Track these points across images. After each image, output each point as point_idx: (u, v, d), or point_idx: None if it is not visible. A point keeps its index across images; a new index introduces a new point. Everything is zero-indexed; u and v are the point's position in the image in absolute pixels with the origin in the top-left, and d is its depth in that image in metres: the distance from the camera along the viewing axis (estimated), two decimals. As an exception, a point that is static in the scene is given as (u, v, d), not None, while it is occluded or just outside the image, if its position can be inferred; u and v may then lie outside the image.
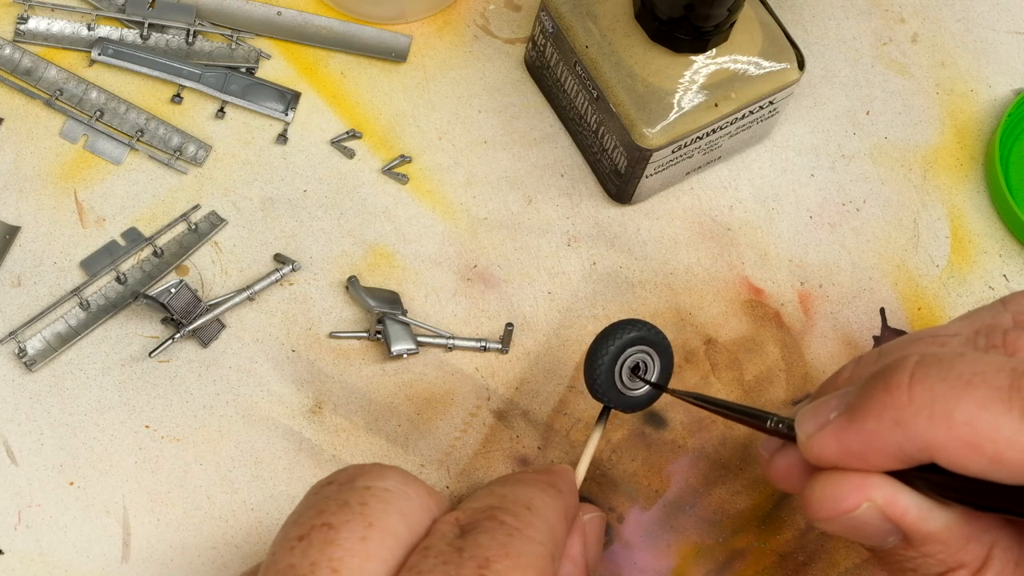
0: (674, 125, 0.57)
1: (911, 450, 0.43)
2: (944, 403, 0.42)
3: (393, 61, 0.64)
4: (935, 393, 0.42)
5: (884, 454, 0.43)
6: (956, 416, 0.42)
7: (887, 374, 0.44)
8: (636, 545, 0.57)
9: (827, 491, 0.44)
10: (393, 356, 0.58)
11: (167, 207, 0.61)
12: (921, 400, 0.42)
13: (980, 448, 0.41)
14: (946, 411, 0.42)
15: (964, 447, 0.42)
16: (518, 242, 0.61)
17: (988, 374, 0.42)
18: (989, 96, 0.66)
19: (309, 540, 0.42)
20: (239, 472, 0.57)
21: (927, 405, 0.42)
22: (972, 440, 0.41)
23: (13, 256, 0.59)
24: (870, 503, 0.44)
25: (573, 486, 0.49)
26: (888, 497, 0.44)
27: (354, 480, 0.44)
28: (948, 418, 0.42)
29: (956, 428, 0.42)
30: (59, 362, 0.58)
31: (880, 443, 0.43)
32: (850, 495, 0.44)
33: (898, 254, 0.63)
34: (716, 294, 0.61)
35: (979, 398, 0.42)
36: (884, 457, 0.43)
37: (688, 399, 0.51)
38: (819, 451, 0.45)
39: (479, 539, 0.42)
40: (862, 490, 0.44)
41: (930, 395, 0.42)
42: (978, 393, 0.42)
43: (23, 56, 0.62)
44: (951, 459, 0.42)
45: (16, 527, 0.56)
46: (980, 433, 0.41)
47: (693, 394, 0.51)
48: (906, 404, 0.42)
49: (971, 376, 0.42)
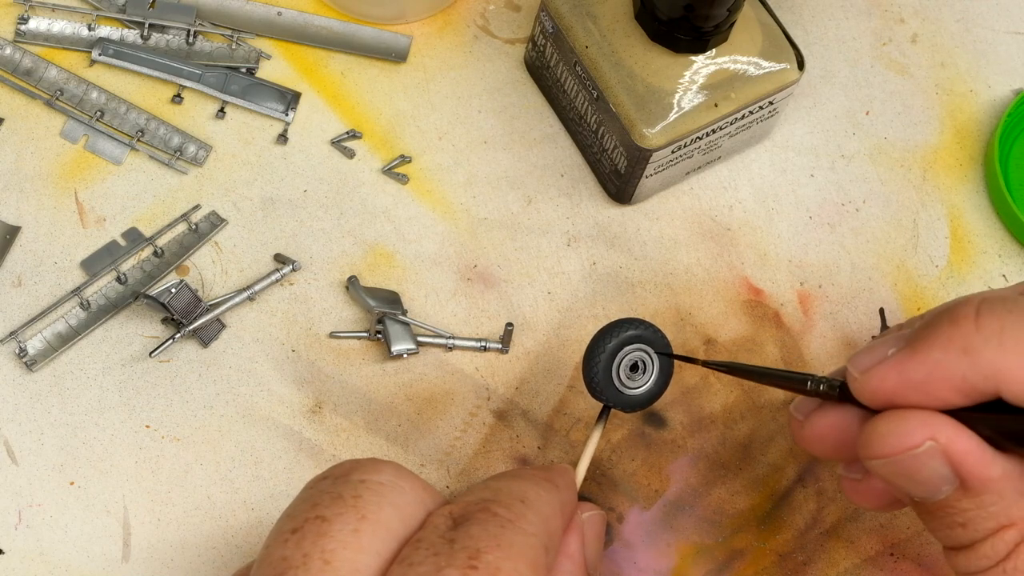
0: (674, 125, 0.57)
1: (977, 380, 0.42)
2: (1013, 331, 0.42)
3: (393, 61, 0.64)
4: (1004, 322, 0.42)
5: (949, 385, 0.43)
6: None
7: (952, 309, 0.43)
8: (636, 545, 0.57)
9: (891, 426, 0.44)
10: (393, 356, 0.58)
11: (167, 207, 0.61)
12: (990, 329, 0.42)
13: None
14: (1017, 338, 0.42)
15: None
16: (518, 242, 0.61)
17: None
18: (989, 96, 0.66)
19: (302, 532, 0.42)
20: (239, 472, 0.57)
21: (996, 333, 0.42)
22: None
23: (14, 256, 0.59)
24: (933, 442, 0.43)
25: (571, 483, 0.49)
26: (951, 436, 0.43)
27: (349, 474, 0.44)
28: (1019, 345, 0.42)
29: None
30: (59, 362, 0.58)
31: (946, 372, 0.43)
32: (915, 431, 0.43)
33: (897, 254, 0.63)
34: (716, 294, 0.61)
35: None
36: (948, 389, 0.43)
37: (721, 369, 0.50)
38: (877, 384, 0.44)
39: (471, 530, 0.42)
40: (927, 427, 0.43)
41: (999, 324, 0.42)
42: None
43: (24, 56, 0.62)
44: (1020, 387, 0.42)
45: (16, 527, 0.56)
46: None
47: (726, 363, 0.50)
48: (974, 332, 0.42)
49: None
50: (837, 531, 0.58)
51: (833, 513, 0.58)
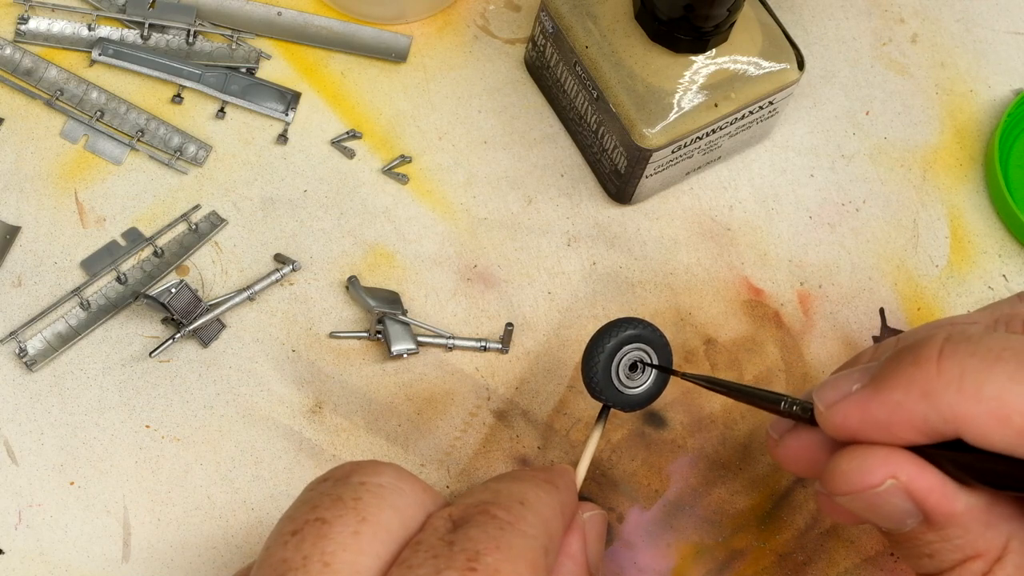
0: (674, 125, 0.57)
1: (937, 423, 0.42)
2: (974, 376, 0.42)
3: (393, 61, 0.64)
4: (965, 366, 0.42)
5: (909, 426, 0.43)
6: (985, 389, 0.41)
7: (915, 348, 0.43)
8: (636, 545, 0.57)
9: (852, 464, 0.44)
10: (393, 356, 0.58)
11: (167, 207, 0.61)
12: (950, 373, 0.42)
13: (1008, 421, 0.41)
14: (976, 384, 0.42)
15: (993, 420, 0.41)
16: (518, 242, 0.61)
17: (1018, 349, 0.42)
18: (988, 96, 0.66)
19: (302, 535, 0.42)
20: (239, 472, 0.57)
21: (956, 378, 0.42)
22: (1001, 413, 0.41)
23: (14, 256, 0.59)
24: (895, 480, 0.43)
25: (571, 484, 0.49)
26: (913, 473, 0.43)
27: (349, 476, 0.44)
28: (977, 391, 0.42)
29: (985, 401, 0.41)
30: (59, 362, 0.58)
31: (906, 414, 0.43)
32: (875, 469, 0.44)
33: (897, 254, 0.63)
34: (716, 294, 0.61)
35: (1009, 371, 0.41)
36: (909, 429, 0.43)
37: (699, 382, 0.50)
38: (840, 420, 0.44)
39: (470, 533, 0.42)
40: (887, 465, 0.44)
41: (960, 368, 0.42)
42: (1008, 367, 0.42)
43: (24, 56, 0.62)
44: (978, 433, 0.42)
45: (16, 527, 0.56)
46: (1009, 406, 0.41)
47: (704, 377, 0.50)
48: (935, 376, 0.42)
49: (1000, 351, 0.42)
50: (837, 531, 0.58)
51: (833, 513, 0.58)
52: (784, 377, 0.60)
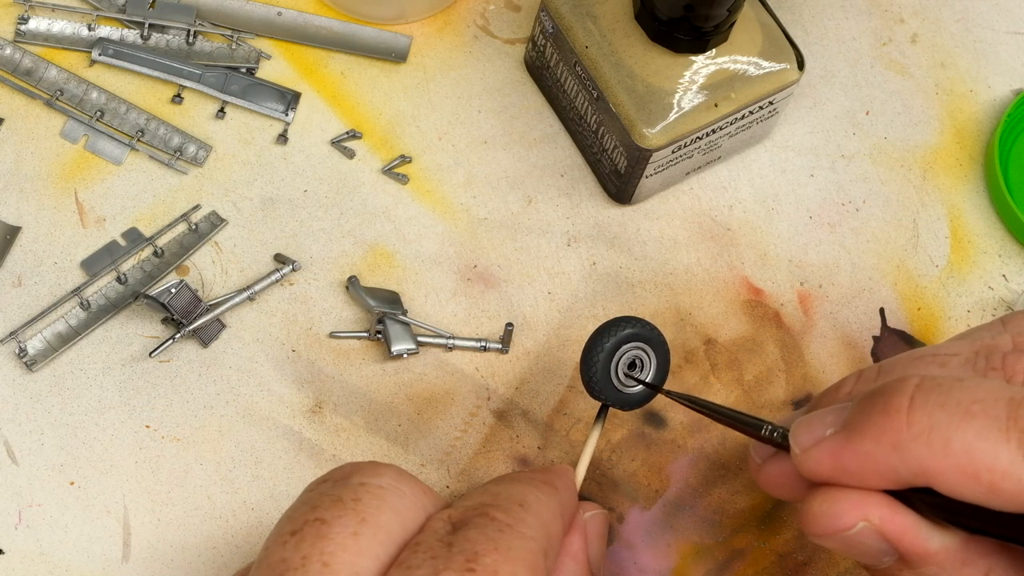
0: (674, 125, 0.57)
1: (907, 474, 0.43)
2: (942, 431, 0.42)
3: (393, 61, 0.64)
4: (934, 420, 0.42)
5: (880, 475, 0.43)
6: (954, 444, 0.42)
7: (886, 395, 0.43)
8: (636, 545, 0.57)
9: (824, 507, 0.44)
10: (393, 356, 0.58)
11: (167, 207, 0.61)
12: (920, 426, 0.42)
13: (977, 477, 0.41)
14: (944, 439, 0.42)
15: (961, 475, 0.42)
16: (518, 242, 0.61)
17: (987, 403, 0.42)
18: (988, 96, 0.66)
19: (301, 535, 0.42)
20: (239, 472, 0.57)
21: (925, 431, 0.42)
22: (969, 469, 0.41)
23: (14, 256, 0.59)
24: (867, 522, 0.44)
25: (571, 484, 0.49)
26: (885, 516, 0.44)
27: (349, 477, 0.44)
28: (946, 446, 0.42)
29: (953, 456, 0.42)
30: (60, 362, 0.58)
31: (876, 465, 0.43)
32: (847, 513, 0.44)
33: (897, 254, 0.63)
34: (716, 294, 0.61)
35: (977, 427, 0.42)
36: (880, 478, 0.43)
37: (682, 401, 0.50)
38: (813, 466, 0.45)
39: (469, 534, 0.42)
40: (859, 508, 0.44)
41: (929, 421, 0.42)
42: (976, 422, 0.42)
43: (24, 56, 0.62)
44: (948, 486, 0.42)
45: (17, 527, 0.56)
46: (977, 462, 0.41)
47: (688, 397, 0.50)
48: (904, 429, 0.42)
49: (970, 404, 0.42)
50: (837, 531, 0.58)
51: (833, 513, 0.58)
52: (784, 377, 0.60)
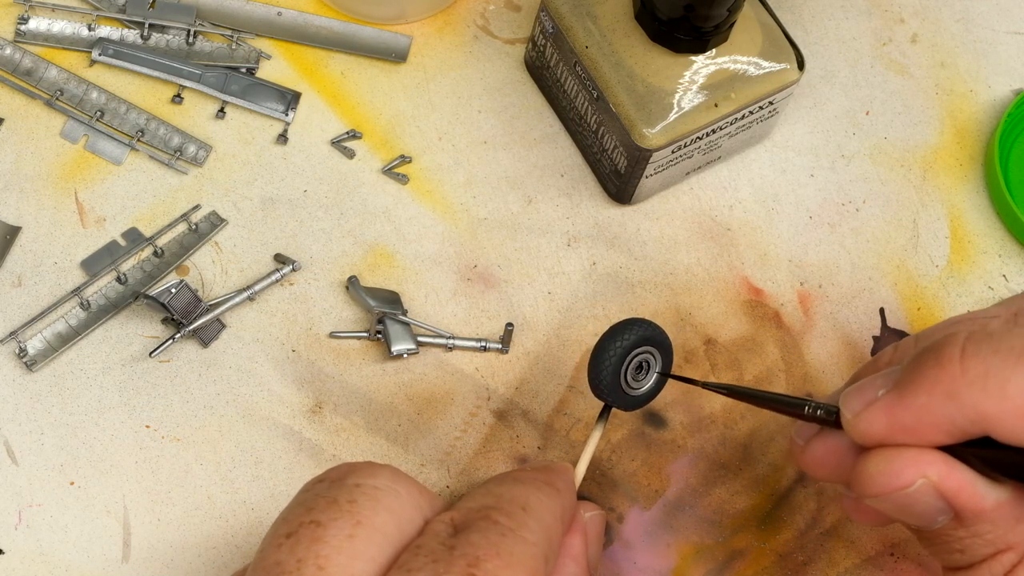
0: (674, 125, 0.57)
1: (964, 423, 0.42)
2: (998, 375, 0.42)
3: (393, 61, 0.64)
4: (989, 365, 0.42)
5: (936, 428, 0.43)
6: (1010, 387, 0.42)
7: (938, 348, 0.43)
8: (636, 545, 0.57)
9: (881, 467, 0.44)
10: (393, 356, 0.58)
11: (167, 207, 0.61)
12: (975, 372, 0.42)
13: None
14: (1000, 382, 0.42)
15: (1019, 417, 0.42)
16: (518, 242, 0.61)
17: None
18: (989, 96, 0.66)
19: (297, 537, 0.42)
20: (239, 472, 0.57)
21: (980, 377, 0.42)
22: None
23: (14, 256, 0.59)
24: (925, 479, 0.44)
25: (571, 484, 0.49)
26: (943, 472, 0.44)
27: (344, 478, 0.44)
28: (1002, 389, 0.42)
29: (1011, 399, 0.42)
30: (60, 362, 0.58)
31: (932, 417, 0.43)
32: (905, 471, 0.44)
33: (897, 254, 0.63)
34: (716, 294, 0.61)
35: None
36: (936, 431, 0.43)
37: (720, 391, 0.50)
38: (867, 427, 0.44)
39: (471, 538, 0.42)
40: (917, 466, 0.44)
41: (983, 367, 0.42)
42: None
43: (24, 56, 0.62)
44: (1006, 430, 0.42)
45: (17, 527, 0.56)
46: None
47: (725, 385, 0.50)
48: (959, 376, 0.42)
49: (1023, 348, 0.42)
50: (837, 531, 0.58)
51: (833, 513, 0.58)
52: (784, 377, 0.60)
